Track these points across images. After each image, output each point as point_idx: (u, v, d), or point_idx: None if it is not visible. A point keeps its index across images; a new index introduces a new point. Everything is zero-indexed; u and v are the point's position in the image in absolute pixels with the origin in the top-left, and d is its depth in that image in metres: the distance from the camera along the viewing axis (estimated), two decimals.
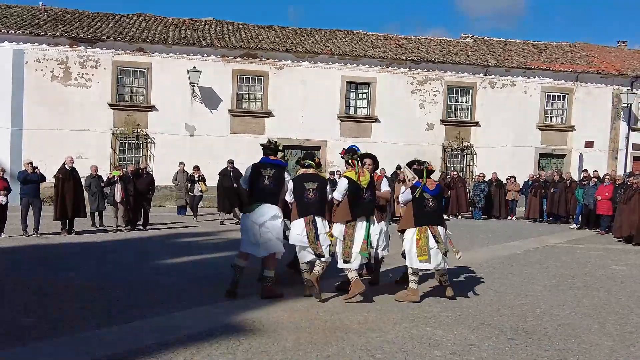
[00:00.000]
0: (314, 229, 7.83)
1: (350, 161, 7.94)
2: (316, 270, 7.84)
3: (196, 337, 6.03)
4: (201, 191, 19.19)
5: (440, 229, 8.06)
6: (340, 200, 7.79)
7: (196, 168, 19.46)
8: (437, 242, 7.89)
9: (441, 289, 8.33)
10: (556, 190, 20.57)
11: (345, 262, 7.69)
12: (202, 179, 19.13)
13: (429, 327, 6.68)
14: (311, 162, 8.32)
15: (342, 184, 7.78)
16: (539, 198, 21.53)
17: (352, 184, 7.73)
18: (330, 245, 7.81)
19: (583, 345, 6.17)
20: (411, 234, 8.09)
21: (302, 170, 8.42)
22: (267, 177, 7.93)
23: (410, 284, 8.03)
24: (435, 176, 9.88)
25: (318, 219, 7.94)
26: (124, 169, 16.44)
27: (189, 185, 19.24)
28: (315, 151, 7.80)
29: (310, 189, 8.00)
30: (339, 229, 7.77)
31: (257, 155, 8.52)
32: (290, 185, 8.14)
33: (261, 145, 8.43)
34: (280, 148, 8.36)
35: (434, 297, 8.18)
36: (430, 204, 8.12)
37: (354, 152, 8.03)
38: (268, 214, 7.78)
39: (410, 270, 8.05)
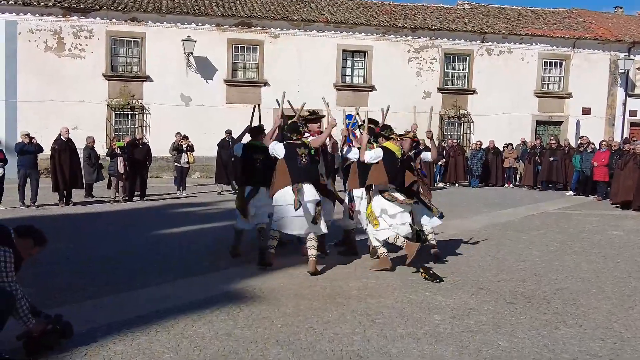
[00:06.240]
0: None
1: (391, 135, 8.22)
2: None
3: (197, 304, 6.06)
4: (188, 162, 17.78)
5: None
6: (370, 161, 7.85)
7: (185, 137, 18.07)
8: None
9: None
10: (555, 159, 20.54)
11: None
12: (191, 149, 17.79)
13: (428, 292, 6.72)
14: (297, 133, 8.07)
15: (378, 152, 7.86)
16: (533, 165, 21.53)
17: (390, 154, 7.87)
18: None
19: (582, 309, 6.21)
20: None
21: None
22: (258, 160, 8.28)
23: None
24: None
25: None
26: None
27: (176, 155, 17.87)
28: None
29: (302, 155, 7.68)
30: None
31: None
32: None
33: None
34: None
35: (432, 264, 8.18)
36: None
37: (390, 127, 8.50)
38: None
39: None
